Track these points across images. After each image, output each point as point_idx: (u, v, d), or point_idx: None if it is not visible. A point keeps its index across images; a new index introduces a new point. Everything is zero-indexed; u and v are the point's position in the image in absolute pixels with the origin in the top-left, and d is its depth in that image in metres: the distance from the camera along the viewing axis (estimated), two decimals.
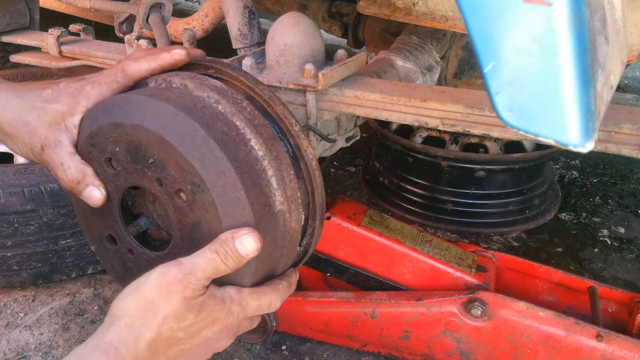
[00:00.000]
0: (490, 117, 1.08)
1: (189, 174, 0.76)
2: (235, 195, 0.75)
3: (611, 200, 2.40)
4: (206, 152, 0.75)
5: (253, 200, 0.77)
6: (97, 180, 0.84)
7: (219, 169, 0.75)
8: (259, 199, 0.78)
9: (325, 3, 2.20)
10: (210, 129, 0.76)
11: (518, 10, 0.54)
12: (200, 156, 0.75)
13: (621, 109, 1.04)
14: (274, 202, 0.81)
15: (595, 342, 1.29)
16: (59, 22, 2.14)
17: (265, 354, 1.56)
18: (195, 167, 0.75)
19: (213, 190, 0.75)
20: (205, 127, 0.76)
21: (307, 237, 0.94)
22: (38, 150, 0.84)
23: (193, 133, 0.75)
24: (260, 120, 0.83)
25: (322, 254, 1.47)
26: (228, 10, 1.55)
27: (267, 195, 0.79)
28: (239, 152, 0.77)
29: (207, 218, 0.77)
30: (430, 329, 1.40)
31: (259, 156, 0.80)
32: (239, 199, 0.76)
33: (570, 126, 0.56)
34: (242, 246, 0.76)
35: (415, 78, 1.49)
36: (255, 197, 0.77)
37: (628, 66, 1.34)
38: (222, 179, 0.75)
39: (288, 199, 0.82)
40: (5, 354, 1.53)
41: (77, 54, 1.70)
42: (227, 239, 0.77)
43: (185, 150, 0.75)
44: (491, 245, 2.08)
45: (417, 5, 1.36)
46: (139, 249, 0.88)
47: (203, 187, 0.75)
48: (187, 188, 0.77)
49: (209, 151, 0.75)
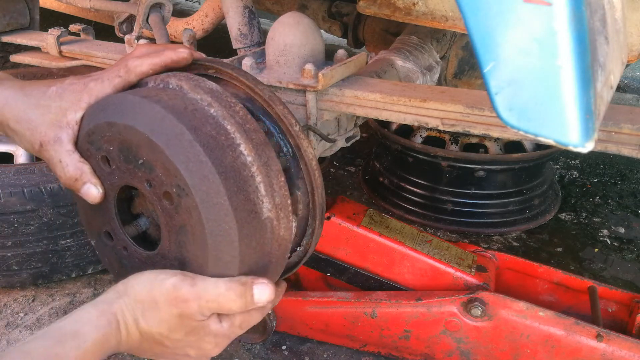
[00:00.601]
0: (490, 117, 1.08)
1: (175, 177, 0.76)
2: (219, 201, 0.75)
3: (611, 200, 2.40)
4: (191, 156, 0.75)
5: (237, 207, 0.76)
6: (94, 178, 0.85)
7: (203, 173, 0.75)
8: (244, 205, 0.77)
9: (325, 3, 2.20)
10: (197, 133, 0.76)
11: (518, 10, 0.54)
12: (185, 160, 0.75)
13: (621, 109, 1.04)
14: (261, 209, 0.79)
15: (595, 342, 1.29)
16: (59, 22, 2.14)
17: (265, 354, 1.56)
18: (180, 171, 0.75)
19: (197, 194, 0.75)
20: (193, 130, 0.76)
21: (307, 237, 0.94)
22: (37, 147, 0.85)
23: (180, 136, 0.75)
24: (252, 125, 0.82)
25: (322, 254, 1.47)
26: (228, 10, 1.55)
27: (253, 202, 0.78)
28: (226, 157, 0.77)
29: (191, 222, 0.77)
30: (430, 329, 1.40)
31: (248, 162, 0.79)
32: (222, 204, 0.75)
33: (570, 126, 0.56)
34: (259, 292, 0.79)
35: (415, 78, 1.49)
36: (240, 204, 0.77)
37: (628, 66, 1.34)
38: (205, 184, 0.75)
39: (276, 207, 0.81)
40: None
41: (77, 54, 1.70)
42: (247, 281, 0.79)
43: (171, 153, 0.75)
44: (491, 245, 2.08)
45: (417, 5, 1.36)
46: (132, 246, 0.88)
47: (187, 190, 0.75)
48: (173, 191, 0.77)
49: (194, 155, 0.75)
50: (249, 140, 0.80)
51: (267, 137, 0.84)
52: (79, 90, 0.86)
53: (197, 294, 0.77)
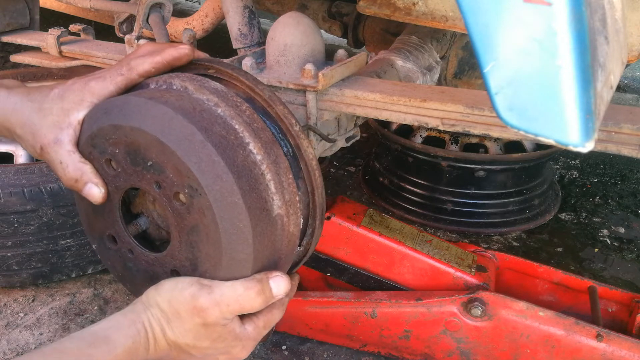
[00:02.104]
0: (490, 117, 1.08)
1: (187, 177, 0.76)
2: (233, 200, 0.75)
3: (611, 200, 2.40)
4: (204, 156, 0.75)
5: (250, 205, 0.77)
6: (96, 178, 0.84)
7: (216, 173, 0.75)
8: (256, 203, 0.78)
9: (325, 3, 2.20)
10: (208, 133, 0.76)
11: (518, 10, 0.54)
12: (198, 160, 0.75)
13: (621, 109, 1.04)
14: (271, 206, 0.80)
15: (595, 342, 1.29)
16: (59, 22, 2.14)
17: (265, 354, 1.56)
18: (192, 171, 0.75)
19: (210, 194, 0.75)
20: (203, 130, 0.76)
21: (307, 237, 0.94)
22: (39, 150, 0.85)
23: (191, 137, 0.75)
24: (260, 123, 0.83)
25: (322, 254, 1.47)
26: (228, 10, 1.55)
27: (265, 200, 0.79)
28: (237, 156, 0.77)
29: (205, 222, 0.77)
30: (430, 329, 1.40)
31: (257, 160, 0.79)
32: (236, 203, 0.75)
33: (570, 126, 0.56)
34: (275, 285, 0.81)
35: (415, 78, 1.49)
36: (253, 202, 0.77)
37: (628, 66, 1.34)
38: (219, 183, 0.75)
39: (286, 203, 0.82)
40: (5, 354, 1.53)
41: (77, 54, 1.70)
42: (262, 277, 0.80)
43: (182, 154, 0.75)
44: (491, 245, 2.08)
45: (417, 5, 1.36)
46: (138, 249, 0.88)
47: (200, 191, 0.75)
48: (185, 192, 0.77)
49: (207, 155, 0.75)
50: (257, 138, 0.80)
51: None
52: (80, 90, 0.85)
53: (216, 300, 0.78)
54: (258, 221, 0.78)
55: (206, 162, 0.75)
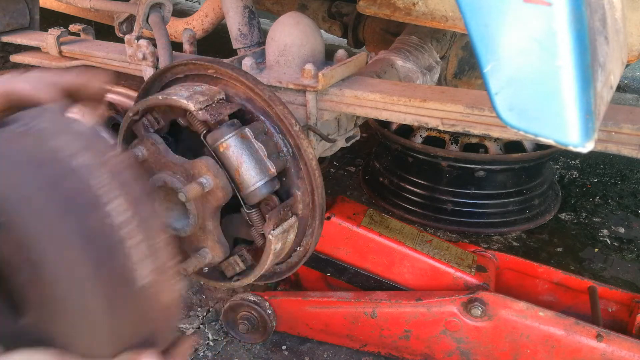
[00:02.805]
0: (490, 117, 1.08)
1: (27, 249, 0.64)
2: (80, 276, 0.64)
3: (611, 200, 2.39)
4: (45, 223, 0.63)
5: (104, 278, 0.65)
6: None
7: (60, 243, 0.64)
8: (112, 275, 0.67)
9: (325, 3, 2.20)
10: (52, 194, 0.64)
11: (518, 11, 0.54)
12: (38, 229, 0.63)
13: (621, 109, 1.04)
14: (134, 276, 0.68)
15: (595, 342, 1.29)
16: (59, 22, 2.14)
17: (265, 354, 1.56)
18: (31, 242, 0.63)
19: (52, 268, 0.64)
20: (47, 189, 0.64)
21: (307, 237, 0.94)
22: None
23: (30, 199, 0.64)
24: (129, 174, 0.70)
25: (322, 254, 1.47)
26: (228, 10, 1.55)
27: (126, 269, 0.68)
28: (89, 220, 0.65)
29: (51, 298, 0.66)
30: (430, 329, 1.40)
31: (117, 223, 0.66)
32: (83, 278, 0.64)
33: (570, 126, 0.56)
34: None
35: (415, 78, 1.49)
36: (108, 274, 0.66)
37: (628, 66, 1.33)
38: (63, 256, 0.64)
39: (156, 271, 0.70)
40: None
41: (77, 54, 1.70)
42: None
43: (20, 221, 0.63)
44: (491, 245, 2.08)
45: (417, 5, 1.36)
46: None
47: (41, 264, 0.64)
48: (27, 262, 0.65)
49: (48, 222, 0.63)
50: (121, 196, 0.67)
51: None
52: None
53: None
54: (115, 295, 0.67)
55: (47, 231, 0.63)
